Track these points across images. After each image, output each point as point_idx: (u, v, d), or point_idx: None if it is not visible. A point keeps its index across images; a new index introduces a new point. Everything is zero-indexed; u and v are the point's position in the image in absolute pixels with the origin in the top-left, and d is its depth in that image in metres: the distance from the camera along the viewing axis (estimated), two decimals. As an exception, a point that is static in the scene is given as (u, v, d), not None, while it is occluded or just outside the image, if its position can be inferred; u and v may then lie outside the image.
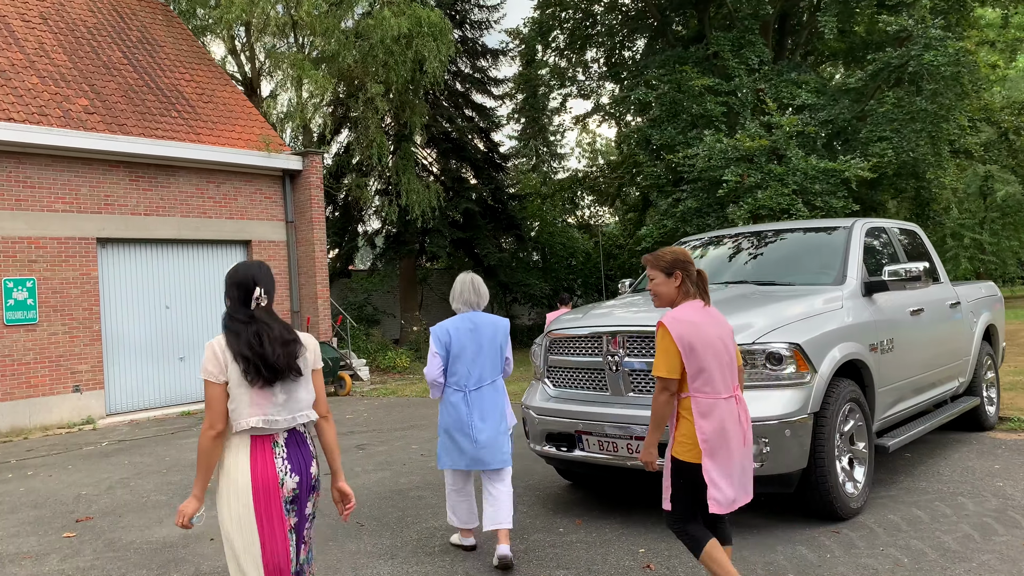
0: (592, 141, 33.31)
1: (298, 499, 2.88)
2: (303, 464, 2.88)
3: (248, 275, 2.92)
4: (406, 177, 19.11)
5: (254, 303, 2.90)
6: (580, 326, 5.14)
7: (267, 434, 2.84)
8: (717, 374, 3.29)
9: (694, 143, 16.22)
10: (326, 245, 14.63)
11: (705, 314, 3.35)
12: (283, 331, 2.90)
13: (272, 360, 2.81)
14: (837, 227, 6.06)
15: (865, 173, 14.45)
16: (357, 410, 11.45)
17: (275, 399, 2.84)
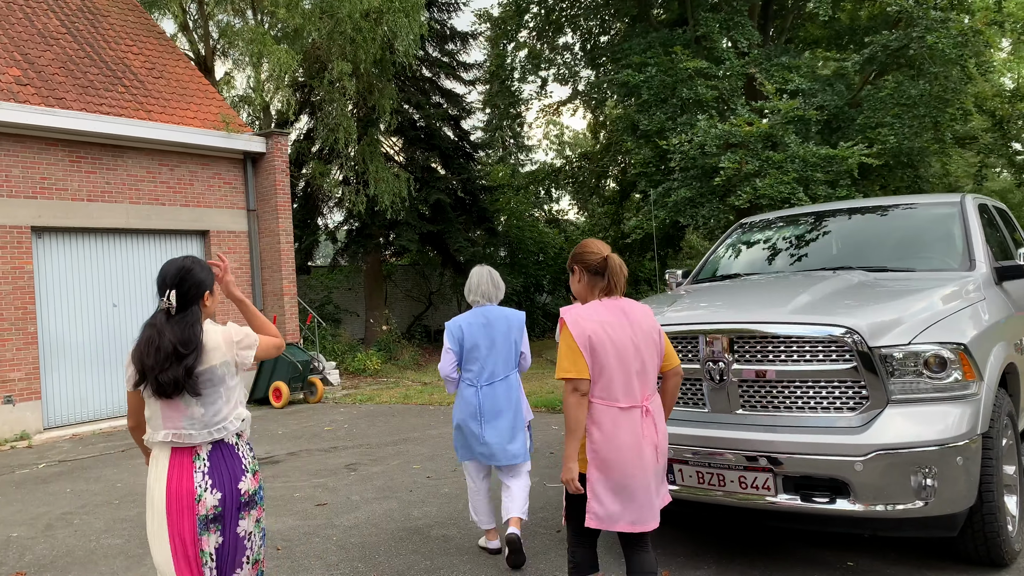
0: (560, 133, 32.29)
1: (222, 517, 2.69)
2: (229, 479, 2.70)
3: (161, 275, 2.75)
4: (374, 165, 17.79)
5: (162, 307, 2.70)
6: (670, 324, 4.02)
7: (187, 447, 2.68)
8: (618, 381, 2.97)
9: (684, 129, 15.30)
10: (292, 235, 13.28)
11: (617, 312, 3.03)
12: (181, 343, 2.64)
13: (156, 375, 2.61)
14: (942, 202, 5.08)
15: (870, 160, 13.67)
16: (335, 420, 10.18)
17: (189, 412, 2.66)
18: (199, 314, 2.78)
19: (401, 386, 13.70)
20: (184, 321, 2.71)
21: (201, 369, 2.68)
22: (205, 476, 2.67)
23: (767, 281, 4.55)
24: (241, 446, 2.82)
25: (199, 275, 2.79)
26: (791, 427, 3.64)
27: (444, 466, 6.98)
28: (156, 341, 2.65)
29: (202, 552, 2.67)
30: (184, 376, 2.63)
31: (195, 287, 2.76)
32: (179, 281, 2.74)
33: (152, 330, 2.69)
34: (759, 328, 3.71)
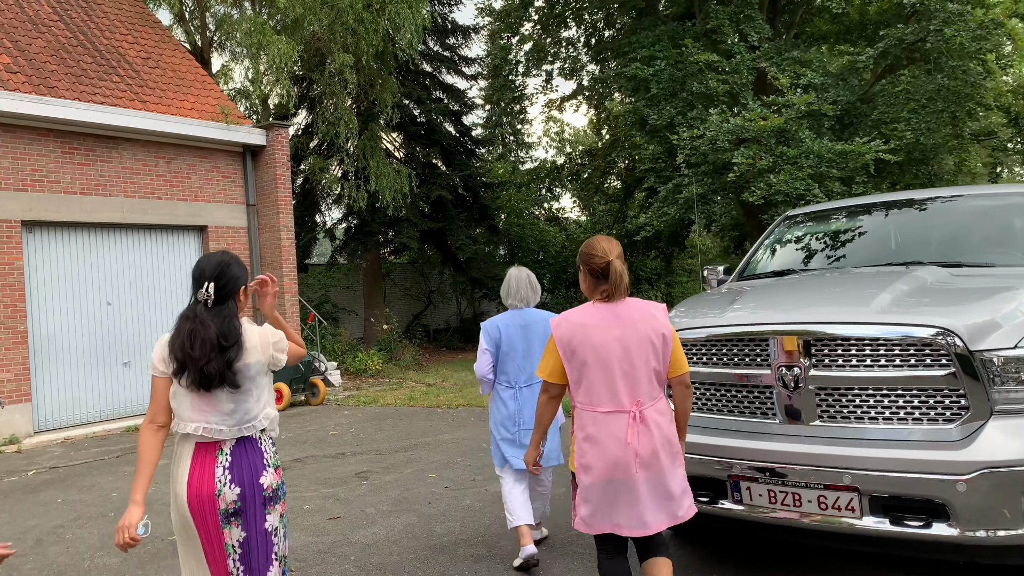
0: (560, 131, 31.87)
1: (242, 512, 2.68)
2: (250, 474, 2.69)
3: (199, 267, 2.74)
4: (375, 160, 17.35)
5: (200, 298, 2.70)
6: (734, 324, 3.61)
7: (212, 441, 2.68)
8: (600, 385, 2.93)
9: (695, 124, 14.91)
10: (293, 231, 12.84)
11: (608, 315, 2.97)
12: (222, 335, 2.65)
13: (201, 366, 2.61)
14: (1020, 191, 4.68)
15: (888, 156, 13.30)
16: (340, 423, 9.74)
17: (220, 407, 2.67)
18: (236, 308, 2.78)
19: (405, 387, 13.27)
20: (223, 314, 2.72)
21: (239, 364, 2.69)
22: (226, 471, 2.67)
23: (833, 278, 4.15)
24: (264, 440, 2.80)
25: (236, 270, 2.79)
26: (878, 441, 3.23)
27: (462, 475, 6.56)
28: (201, 332, 2.64)
29: (226, 544, 2.67)
30: (226, 368, 2.64)
31: (232, 281, 2.76)
32: (218, 274, 2.73)
33: (194, 322, 2.67)
34: (841, 330, 3.30)
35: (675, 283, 33.13)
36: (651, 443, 2.91)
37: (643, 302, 3.04)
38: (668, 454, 2.96)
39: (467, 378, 14.17)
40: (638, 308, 2.99)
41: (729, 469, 3.50)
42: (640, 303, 3.02)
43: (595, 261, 3.00)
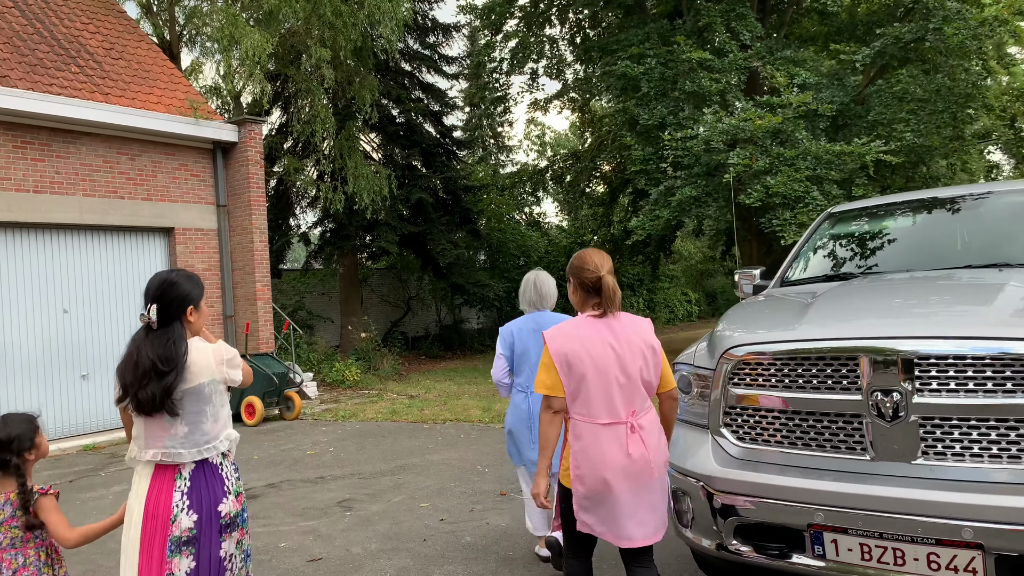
0: (541, 134, 31.28)
1: (197, 540, 2.56)
2: (209, 500, 2.59)
3: (146, 288, 2.65)
4: (353, 161, 16.59)
5: (143, 322, 2.60)
6: (817, 339, 2.96)
7: (171, 464, 2.58)
8: (598, 397, 2.91)
9: (687, 124, 14.36)
10: (267, 234, 12.07)
11: (602, 328, 2.97)
12: (161, 360, 2.53)
13: (134, 392, 2.53)
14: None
15: (889, 157, 12.84)
16: (318, 442, 8.99)
17: (173, 431, 2.57)
18: (182, 330, 2.64)
19: (385, 399, 12.52)
20: (165, 337, 2.59)
21: (186, 388, 2.58)
22: (184, 496, 2.57)
23: (916, 283, 3.52)
24: (226, 466, 2.70)
25: (183, 288, 2.64)
26: (1007, 485, 2.60)
27: (458, 505, 5.86)
28: (135, 357, 2.56)
29: (169, 574, 2.54)
30: (163, 394, 2.53)
31: (177, 301, 2.63)
32: (160, 295, 2.61)
33: (133, 345, 2.60)
34: (956, 347, 2.67)
35: (657, 289, 32.70)
36: (645, 452, 2.91)
37: (631, 316, 3.04)
38: (660, 464, 2.97)
39: (451, 389, 13.46)
40: (629, 322, 3.01)
41: (810, 517, 2.85)
42: (629, 317, 3.03)
43: (587, 275, 2.99)
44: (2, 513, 2.66)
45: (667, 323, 32.83)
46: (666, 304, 32.92)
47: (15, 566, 2.65)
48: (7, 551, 2.65)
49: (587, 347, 2.91)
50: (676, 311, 33.58)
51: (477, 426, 9.49)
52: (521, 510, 5.59)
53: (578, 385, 2.92)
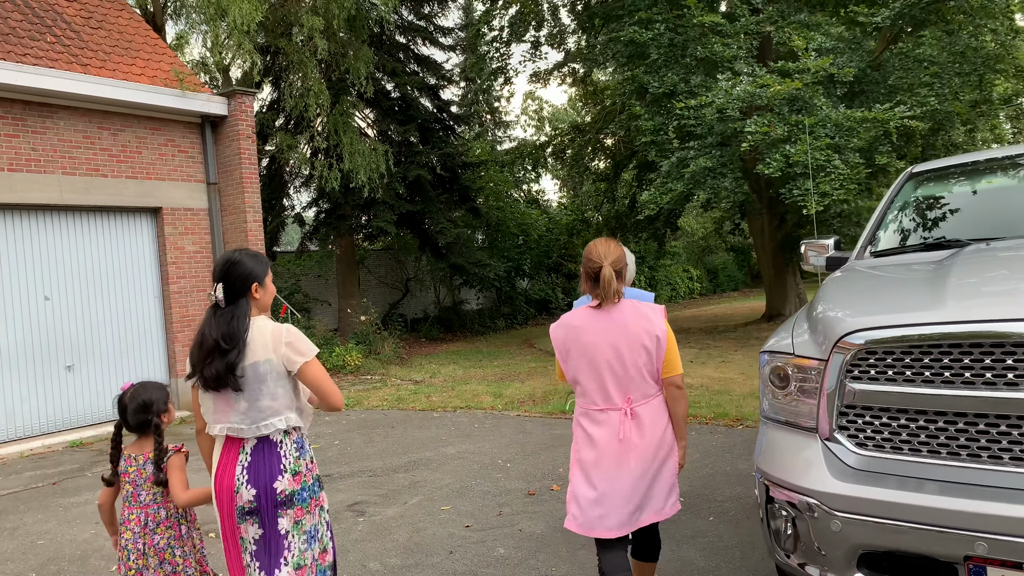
0: (539, 109, 30.49)
1: (258, 512, 2.67)
2: (265, 477, 2.67)
3: (213, 268, 2.78)
4: (348, 137, 15.89)
5: (211, 301, 2.70)
6: (970, 320, 2.35)
7: (237, 438, 2.71)
8: (592, 384, 3.00)
9: (699, 92, 13.68)
10: (261, 212, 11.39)
11: (599, 317, 2.98)
12: (222, 337, 2.62)
13: (201, 369, 2.65)
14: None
15: (915, 123, 12.21)
16: (322, 433, 8.39)
17: (236, 406, 2.67)
18: (247, 307, 2.70)
19: (389, 385, 11.92)
20: (229, 315, 2.67)
21: (245, 364, 2.64)
22: (244, 470, 2.68)
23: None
24: (286, 444, 2.74)
25: (247, 266, 2.71)
26: None
27: (483, 508, 5.27)
28: (201, 336, 2.67)
29: (242, 539, 2.70)
30: (226, 371, 2.62)
31: (241, 279, 2.69)
32: (224, 274, 2.68)
33: (202, 324, 2.70)
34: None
35: (659, 266, 32.10)
36: (641, 439, 2.95)
37: (638, 303, 3.03)
38: (661, 451, 2.99)
39: (456, 373, 12.86)
40: (631, 310, 3.00)
41: (967, 547, 2.25)
42: (634, 305, 3.02)
43: (590, 266, 3.02)
44: (143, 472, 2.90)
45: (669, 300, 32.28)
46: (668, 281, 32.36)
47: (158, 519, 2.89)
48: (150, 506, 2.89)
49: (579, 336, 2.99)
50: (678, 288, 33.03)
51: (491, 414, 8.90)
52: (556, 514, 5.00)
53: (574, 373, 3.03)
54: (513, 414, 8.79)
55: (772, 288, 18.50)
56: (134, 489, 2.92)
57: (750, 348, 13.68)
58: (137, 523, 2.88)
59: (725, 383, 10.10)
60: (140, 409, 2.95)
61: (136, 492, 2.91)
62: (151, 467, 2.92)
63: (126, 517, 2.91)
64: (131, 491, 2.92)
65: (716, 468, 5.76)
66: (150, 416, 2.95)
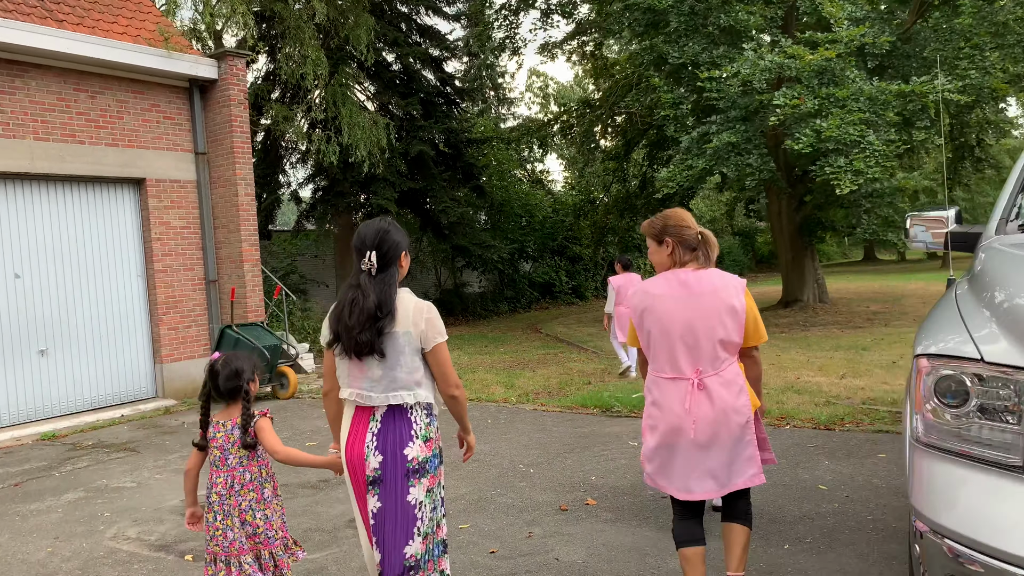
0: (544, 86, 29.53)
1: (381, 481, 2.67)
2: (395, 443, 2.67)
3: (360, 236, 2.76)
4: (347, 109, 15.01)
5: (364, 268, 2.70)
6: None
7: (368, 406, 2.72)
8: (662, 353, 3.01)
9: (721, 62, 12.81)
10: (253, 185, 10.54)
11: (677, 285, 2.99)
12: (378, 304, 2.65)
13: (355, 335, 2.65)
14: None
15: (957, 96, 11.37)
16: (318, 429, 7.60)
17: (370, 374, 2.69)
18: (396, 275, 2.75)
19: (391, 373, 11.14)
20: (383, 283, 2.70)
21: (388, 333, 2.66)
22: (374, 437, 2.70)
23: None
24: (416, 411, 2.74)
25: (396, 236, 2.76)
26: None
27: (509, 526, 4.49)
28: (360, 302, 2.65)
29: (369, 510, 2.72)
30: (376, 337, 2.64)
31: (394, 248, 2.74)
32: (379, 242, 2.72)
33: (356, 291, 2.68)
34: None
35: (665, 250, 31.29)
36: (710, 411, 2.92)
37: (720, 274, 3.00)
38: (729, 423, 2.93)
39: (462, 360, 12.08)
40: (710, 280, 2.97)
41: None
42: (717, 275, 3.00)
43: (686, 232, 3.04)
44: (231, 436, 2.98)
45: (674, 285, 31.49)
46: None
47: (243, 481, 2.97)
48: (236, 469, 2.97)
49: (655, 305, 2.98)
50: (683, 273, 32.26)
51: (504, 408, 8.11)
52: (597, 537, 4.23)
53: (647, 340, 3.04)
54: (529, 408, 8.00)
55: (790, 273, 17.70)
56: (221, 454, 2.99)
57: (774, 336, 12.91)
58: (224, 485, 2.96)
59: (755, 375, 9.34)
60: (232, 376, 3.01)
61: (224, 456, 2.99)
62: (238, 431, 2.99)
63: (214, 480, 2.99)
64: (219, 456, 3.00)
65: (773, 479, 4.99)
66: (241, 383, 3.01)
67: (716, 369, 2.94)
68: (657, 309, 2.98)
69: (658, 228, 3.10)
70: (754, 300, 3.01)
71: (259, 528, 2.98)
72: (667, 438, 2.96)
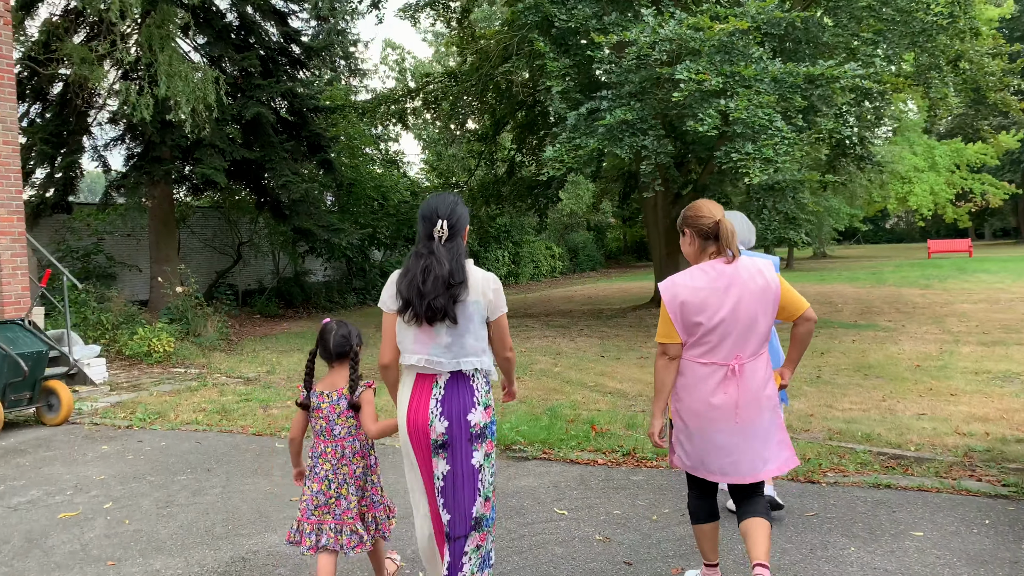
0: (401, 59, 27.21)
1: (448, 445, 2.75)
2: (459, 409, 2.75)
3: (430, 207, 2.84)
4: (166, 55, 12.28)
5: (435, 235, 2.77)
6: None
7: (431, 373, 2.77)
8: (710, 341, 2.97)
9: (613, 31, 11.26)
10: (16, 132, 7.79)
11: (717, 275, 2.99)
12: (452, 272, 2.73)
13: (429, 300, 2.71)
14: None
15: (870, 83, 10.38)
16: (85, 483, 5.20)
17: (439, 340, 2.75)
18: (463, 246, 2.84)
19: (210, 384, 8.73)
20: (454, 252, 2.77)
21: (461, 301, 2.73)
22: (438, 403, 2.73)
23: None
24: (478, 378, 2.81)
25: (462, 209, 2.86)
26: None
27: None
28: (435, 269, 2.71)
29: (434, 474, 2.75)
30: (450, 303, 2.71)
31: (462, 219, 2.83)
32: (449, 212, 2.80)
33: (430, 258, 2.73)
34: None
35: (523, 242, 29.90)
36: (747, 396, 2.95)
37: (750, 259, 3.06)
38: (764, 409, 2.99)
39: (302, 366, 9.82)
40: (746, 267, 3.01)
41: None
42: (748, 261, 3.04)
43: (703, 222, 3.05)
44: (338, 407, 3.08)
45: (531, 279, 30.24)
46: (531, 258, 30.28)
47: (354, 449, 3.08)
48: (345, 439, 3.08)
49: (701, 296, 2.96)
50: (540, 266, 31.07)
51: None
52: None
53: (691, 331, 2.99)
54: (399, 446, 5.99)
55: (664, 270, 16.56)
56: (327, 424, 3.07)
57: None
58: (334, 455, 3.04)
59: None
60: (343, 338, 3.10)
61: (330, 427, 3.06)
62: (344, 402, 3.06)
63: (322, 450, 3.06)
64: (324, 426, 3.07)
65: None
66: (351, 344, 3.11)
67: (756, 355, 3.00)
68: (702, 300, 2.96)
69: (679, 220, 3.16)
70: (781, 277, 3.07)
71: (367, 492, 3.11)
72: (702, 423, 2.98)
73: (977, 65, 13.12)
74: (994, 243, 50.40)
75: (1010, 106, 13.90)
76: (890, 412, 6.35)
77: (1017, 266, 24.01)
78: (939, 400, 6.76)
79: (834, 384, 7.67)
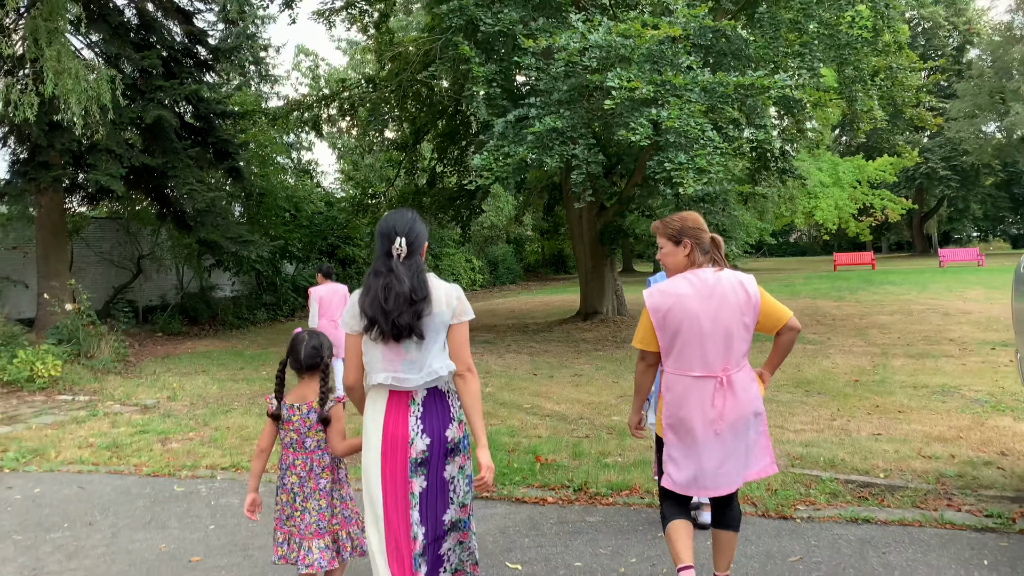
0: (314, 65, 26.21)
1: (428, 462, 2.70)
2: (439, 426, 2.72)
3: (388, 223, 2.79)
4: (53, 50, 11.19)
5: (394, 253, 2.72)
6: None
7: (404, 391, 2.71)
8: (693, 351, 2.99)
9: (540, 36, 10.85)
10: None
11: (701, 285, 3.03)
12: (413, 288, 2.67)
13: (393, 318, 2.65)
14: None
15: (800, 94, 10.28)
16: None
17: (407, 356, 2.70)
18: (423, 263, 2.81)
19: (102, 414, 7.79)
20: (414, 268, 2.73)
21: (426, 316, 2.68)
22: (418, 420, 2.70)
23: None
24: (451, 394, 2.80)
25: (421, 226, 2.83)
26: None
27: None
28: (395, 287, 2.66)
29: (411, 494, 2.67)
30: (415, 319, 2.66)
31: (420, 236, 2.81)
32: (408, 230, 2.77)
33: (389, 276, 2.69)
34: None
35: (443, 254, 29.25)
36: (736, 408, 2.97)
37: (731, 273, 3.09)
38: (750, 419, 3.01)
39: (210, 390, 8.99)
40: (728, 280, 3.04)
41: None
42: (730, 274, 3.08)
43: (701, 235, 3.09)
44: (308, 420, 3.01)
45: (450, 293, 29.55)
46: (451, 271, 29.65)
47: (323, 464, 3.01)
48: (315, 452, 3.01)
49: (685, 304, 2.98)
50: (460, 279, 30.45)
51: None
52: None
53: (672, 341, 3.00)
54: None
55: (589, 284, 16.27)
56: (298, 437, 3.02)
57: (592, 356, 11.13)
58: (303, 468, 2.99)
59: (600, 408, 7.33)
60: (314, 350, 3.05)
61: (301, 440, 3.02)
62: (314, 415, 3.01)
63: (291, 462, 3.02)
64: (295, 438, 3.02)
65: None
66: (322, 356, 3.06)
67: (739, 367, 3.02)
68: (685, 309, 2.98)
69: (676, 229, 3.11)
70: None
71: (336, 508, 3.02)
72: (694, 435, 2.96)
73: (894, 80, 13.31)
74: (891, 256, 52.59)
75: (925, 121, 14.16)
76: (845, 433, 6.04)
77: (919, 278, 24.79)
78: (889, 418, 6.51)
79: (778, 402, 7.37)
